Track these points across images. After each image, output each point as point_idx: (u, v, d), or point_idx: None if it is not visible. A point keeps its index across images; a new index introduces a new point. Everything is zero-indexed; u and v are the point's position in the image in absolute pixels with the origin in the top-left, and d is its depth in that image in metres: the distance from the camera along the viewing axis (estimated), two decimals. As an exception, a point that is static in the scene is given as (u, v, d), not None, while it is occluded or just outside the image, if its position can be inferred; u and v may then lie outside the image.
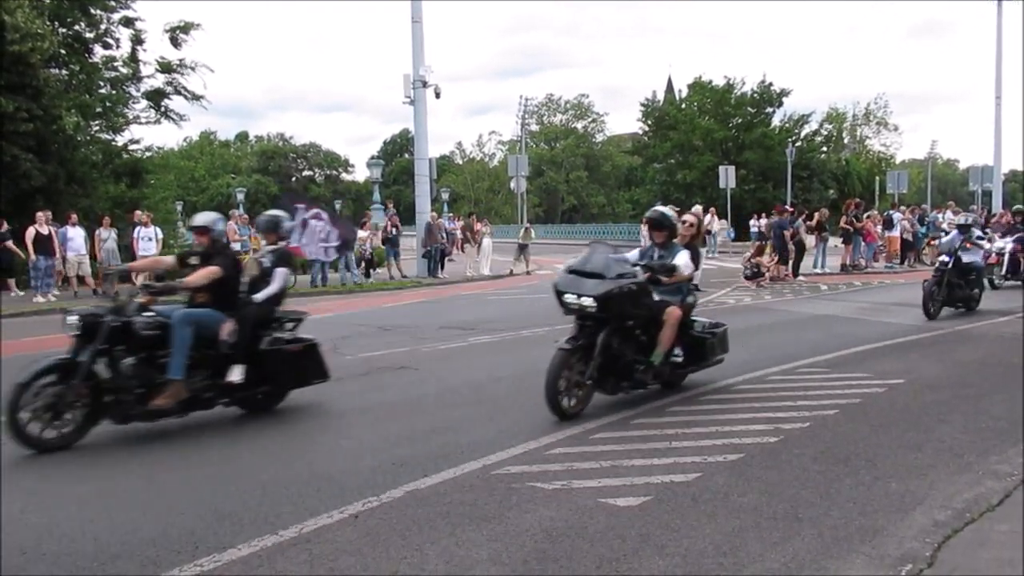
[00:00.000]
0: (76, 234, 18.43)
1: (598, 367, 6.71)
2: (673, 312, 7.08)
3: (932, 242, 26.67)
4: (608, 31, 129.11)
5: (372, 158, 42.62)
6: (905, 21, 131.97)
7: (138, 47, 25.93)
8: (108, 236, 18.93)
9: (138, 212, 20.45)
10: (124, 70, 26.13)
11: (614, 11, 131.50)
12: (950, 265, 13.05)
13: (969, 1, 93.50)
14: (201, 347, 6.73)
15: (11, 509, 4.88)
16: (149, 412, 6.49)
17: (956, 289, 13.20)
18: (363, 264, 22.80)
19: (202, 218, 7.44)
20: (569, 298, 6.72)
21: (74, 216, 18.88)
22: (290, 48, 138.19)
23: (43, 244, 17.57)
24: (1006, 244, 17.52)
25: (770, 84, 51.03)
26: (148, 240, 19.00)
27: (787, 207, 24.58)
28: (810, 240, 23.46)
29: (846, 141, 64.98)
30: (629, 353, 6.94)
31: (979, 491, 4.96)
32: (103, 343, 6.27)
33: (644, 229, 7.97)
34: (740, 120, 51.53)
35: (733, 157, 47.02)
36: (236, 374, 6.84)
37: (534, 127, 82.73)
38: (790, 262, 21.06)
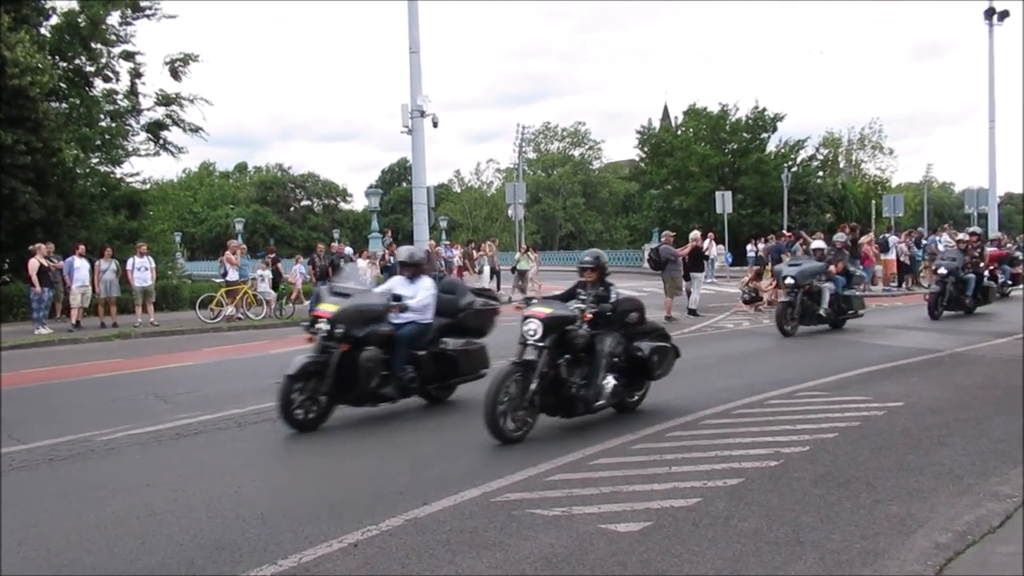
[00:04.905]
0: (82, 265, 18.45)
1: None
2: None
3: (929, 265, 26.79)
4: (611, 53, 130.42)
5: (370, 187, 42.70)
6: (906, 44, 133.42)
7: (137, 80, 26.19)
8: (107, 267, 18.95)
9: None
10: (124, 103, 26.34)
11: (616, 36, 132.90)
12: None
13: (965, 23, 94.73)
14: None
15: (9, 540, 4.86)
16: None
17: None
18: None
19: None
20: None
21: (82, 247, 18.91)
22: (296, 77, 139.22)
23: (45, 276, 17.61)
24: None
25: (764, 109, 51.46)
26: (143, 270, 19.00)
27: (784, 232, 24.64)
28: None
29: (842, 165, 65.31)
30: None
31: (980, 513, 4.95)
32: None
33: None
34: (736, 146, 51.86)
35: (729, 183, 47.21)
36: None
37: (531, 155, 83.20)
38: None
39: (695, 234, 19.84)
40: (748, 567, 4.23)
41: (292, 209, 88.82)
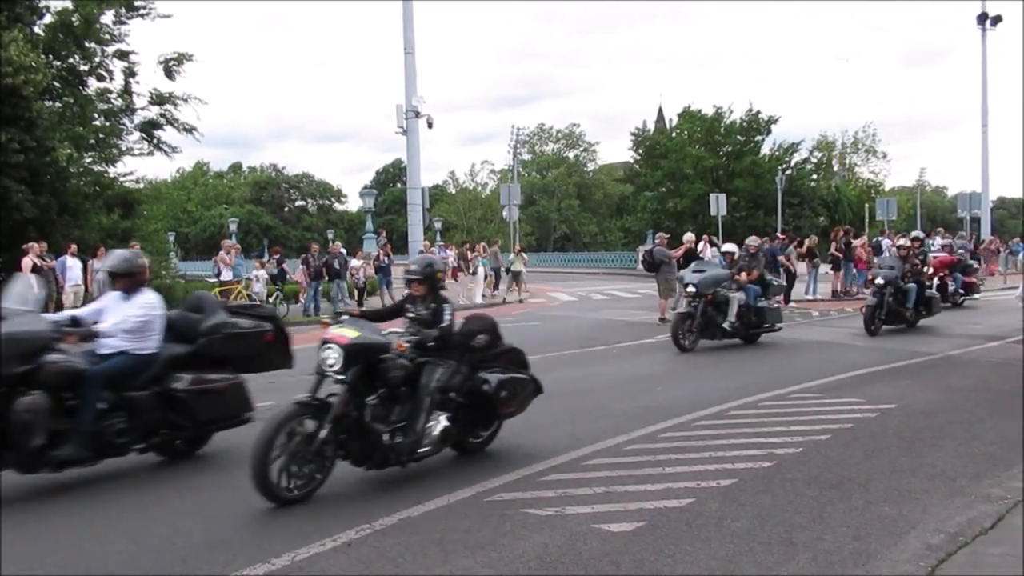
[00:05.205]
0: (75, 264, 18.40)
1: None
2: None
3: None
4: (606, 55, 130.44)
5: (365, 187, 42.67)
6: (900, 48, 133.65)
7: (131, 79, 26.12)
8: (100, 267, 18.87)
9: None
10: (118, 102, 26.26)
11: (611, 38, 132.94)
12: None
13: (960, 27, 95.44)
14: None
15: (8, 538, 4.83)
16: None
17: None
18: (356, 293, 22.82)
19: None
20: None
21: (74, 247, 18.86)
22: (291, 78, 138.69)
23: (38, 275, 17.54)
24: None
25: (758, 112, 51.57)
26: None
27: (778, 234, 24.68)
28: (801, 267, 23.56)
29: (836, 169, 65.49)
30: None
31: (972, 515, 4.97)
32: None
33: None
34: (730, 148, 51.96)
35: (724, 185, 47.27)
36: None
37: (526, 156, 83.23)
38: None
39: (689, 236, 19.87)
40: (741, 567, 4.24)
41: (286, 209, 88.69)
